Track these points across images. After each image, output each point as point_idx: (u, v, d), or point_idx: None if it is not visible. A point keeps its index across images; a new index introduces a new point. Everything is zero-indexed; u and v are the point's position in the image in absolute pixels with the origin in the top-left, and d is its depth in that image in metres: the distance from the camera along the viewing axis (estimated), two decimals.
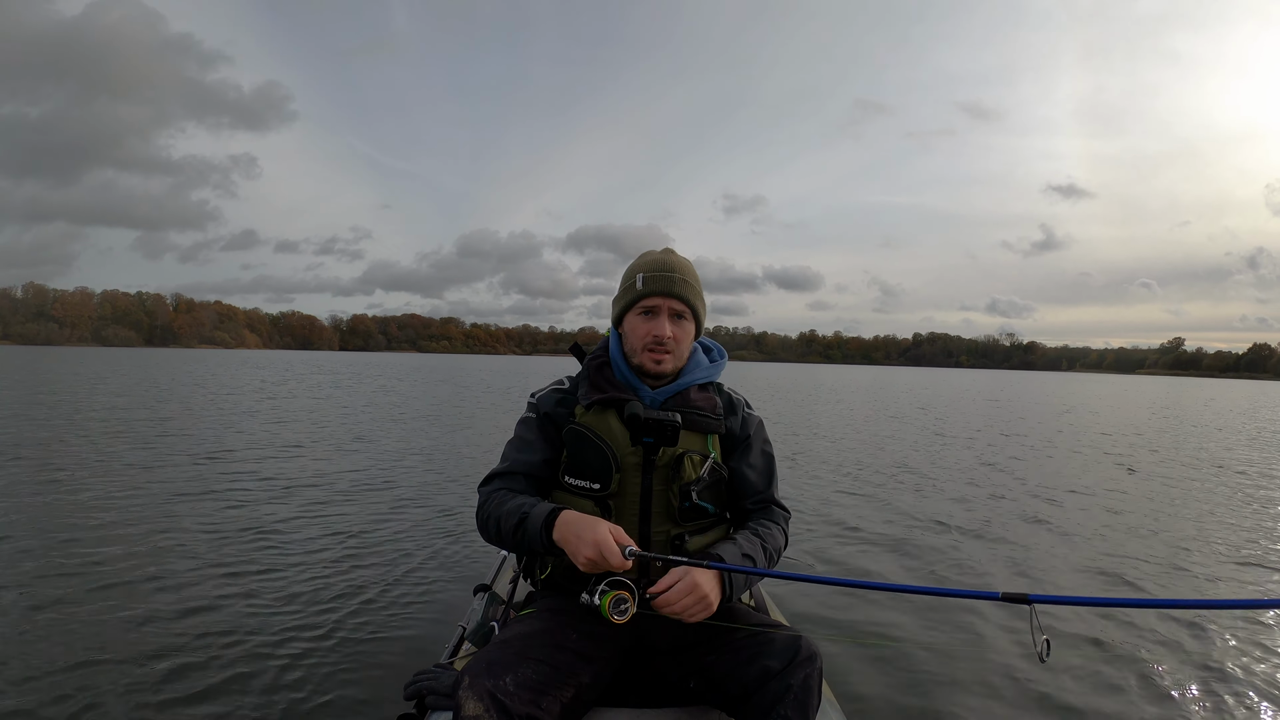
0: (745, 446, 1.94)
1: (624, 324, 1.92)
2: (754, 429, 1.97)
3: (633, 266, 1.93)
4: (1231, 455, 12.19)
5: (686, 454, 1.80)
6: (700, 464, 1.82)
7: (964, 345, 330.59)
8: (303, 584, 4.10)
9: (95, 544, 4.73)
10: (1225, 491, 8.39)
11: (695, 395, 1.90)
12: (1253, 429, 18.42)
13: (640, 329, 1.86)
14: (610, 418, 1.81)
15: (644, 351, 1.85)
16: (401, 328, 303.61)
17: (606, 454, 1.77)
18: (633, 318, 1.88)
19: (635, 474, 1.78)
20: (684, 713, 1.70)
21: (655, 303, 1.85)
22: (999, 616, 3.88)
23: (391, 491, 6.90)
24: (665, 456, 1.79)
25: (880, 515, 6.47)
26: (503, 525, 1.72)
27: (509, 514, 1.71)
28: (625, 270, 1.96)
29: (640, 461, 1.79)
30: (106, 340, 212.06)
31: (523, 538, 1.68)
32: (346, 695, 2.88)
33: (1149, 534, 6.03)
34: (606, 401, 1.82)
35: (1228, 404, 34.05)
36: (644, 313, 1.86)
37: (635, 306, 1.87)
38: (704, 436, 1.87)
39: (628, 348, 1.90)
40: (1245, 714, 2.96)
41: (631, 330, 1.88)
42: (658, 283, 1.84)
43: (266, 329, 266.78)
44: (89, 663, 3.03)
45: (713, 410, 1.90)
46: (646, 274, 1.86)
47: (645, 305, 1.86)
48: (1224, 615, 4.00)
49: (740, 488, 1.90)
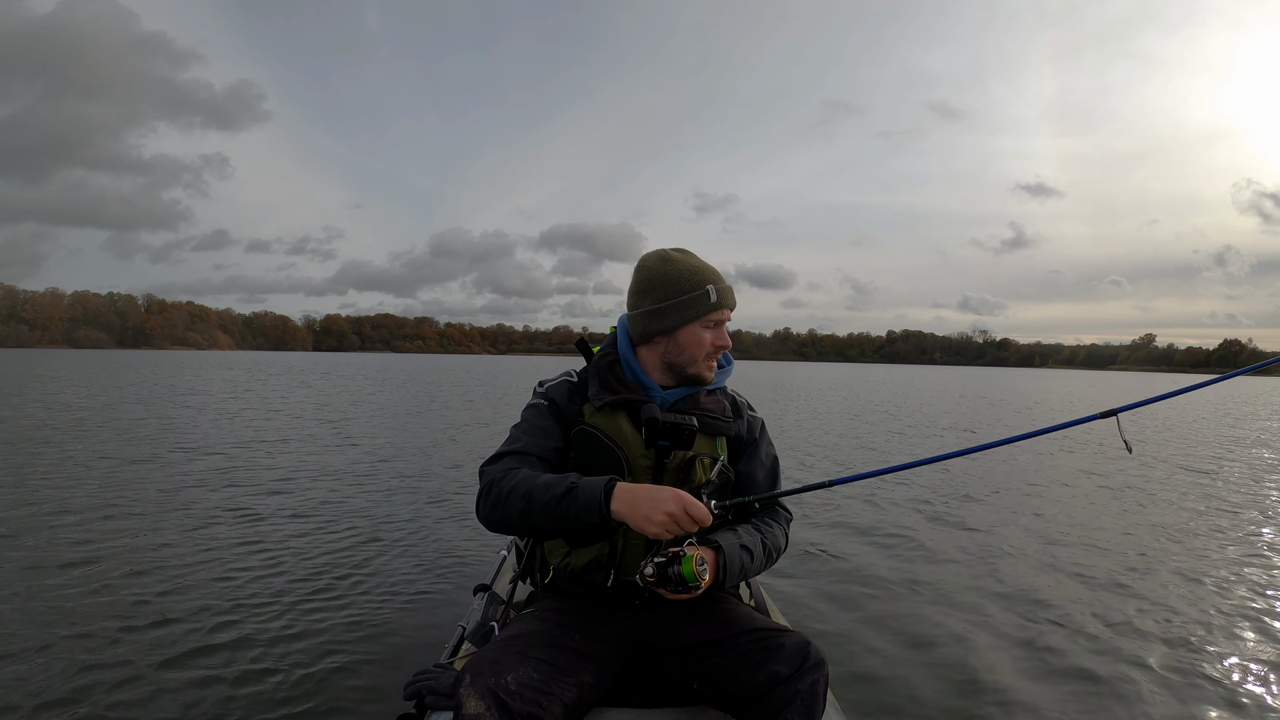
0: (752, 449, 1.95)
1: (681, 334, 1.85)
2: (759, 432, 1.99)
3: (685, 275, 1.84)
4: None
5: (698, 457, 1.81)
6: (710, 467, 1.82)
7: (938, 342, 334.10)
8: (302, 584, 4.08)
9: (94, 545, 4.68)
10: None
11: (705, 399, 1.90)
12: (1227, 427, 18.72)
13: (706, 339, 1.84)
14: (621, 419, 1.80)
15: (705, 360, 1.86)
16: (375, 328, 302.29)
17: (619, 456, 1.76)
18: (696, 329, 1.84)
19: (646, 477, 1.78)
20: (686, 714, 1.69)
21: (726, 315, 1.87)
22: (998, 616, 3.93)
23: (390, 492, 6.86)
24: (676, 460, 1.80)
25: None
26: (533, 499, 1.60)
27: (545, 486, 1.60)
28: (666, 277, 1.85)
29: (652, 465, 1.79)
30: (78, 342, 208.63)
31: (566, 510, 1.57)
32: (346, 695, 2.87)
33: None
34: (618, 403, 1.81)
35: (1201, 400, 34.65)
36: (713, 325, 1.86)
37: (705, 318, 1.84)
38: (713, 440, 1.88)
39: (685, 357, 1.85)
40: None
41: (694, 340, 1.84)
42: (728, 296, 1.86)
43: (239, 330, 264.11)
44: (88, 664, 3.01)
45: (722, 413, 1.90)
46: (719, 286, 1.85)
47: (717, 318, 1.86)
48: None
49: (746, 489, 1.91)
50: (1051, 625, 3.84)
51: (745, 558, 1.70)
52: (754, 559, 1.73)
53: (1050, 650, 3.51)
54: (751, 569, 1.73)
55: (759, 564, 1.76)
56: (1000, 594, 4.33)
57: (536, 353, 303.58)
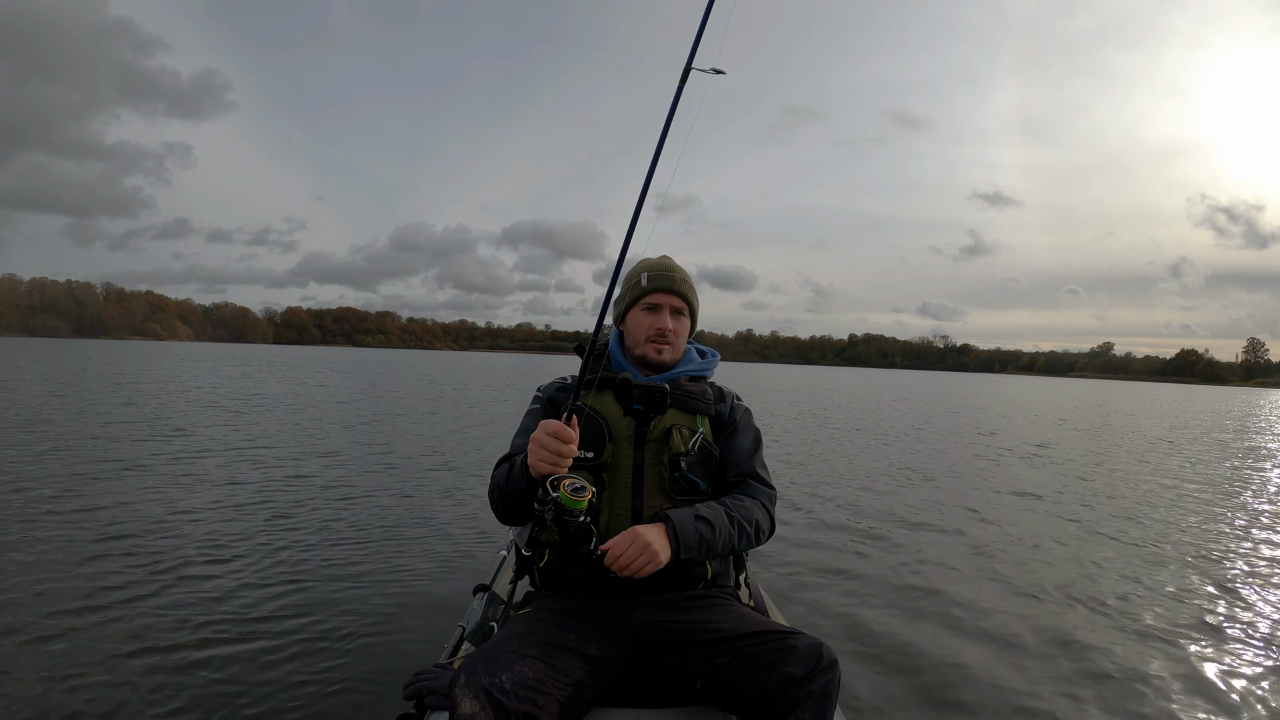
0: (733, 429, 2.04)
1: (627, 320, 2.07)
2: (741, 415, 2.08)
3: (635, 268, 2.10)
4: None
5: (675, 427, 1.92)
6: (689, 437, 1.92)
7: (899, 346, 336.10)
8: (301, 584, 4.07)
9: (93, 545, 4.63)
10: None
11: (687, 384, 2.02)
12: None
13: (644, 322, 2.02)
14: (606, 397, 1.93)
15: (647, 343, 2.01)
16: (337, 321, 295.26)
17: (601, 425, 1.87)
18: (636, 313, 2.05)
19: (628, 446, 1.89)
20: (685, 713, 1.69)
21: (658, 299, 2.02)
22: (997, 612, 4.01)
23: (390, 492, 6.81)
24: (656, 431, 1.90)
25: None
26: (502, 488, 1.80)
27: (505, 473, 1.81)
28: (626, 274, 2.11)
29: (633, 435, 1.89)
30: (35, 330, 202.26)
31: (515, 484, 1.75)
32: (346, 695, 2.87)
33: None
34: (603, 382, 1.92)
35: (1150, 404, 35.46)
36: (648, 308, 2.02)
37: (640, 303, 2.03)
38: (693, 416, 1.98)
39: (630, 341, 2.05)
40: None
41: (635, 324, 2.05)
42: (660, 280, 2.02)
43: (199, 321, 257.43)
44: (80, 666, 2.98)
45: (703, 396, 2.02)
46: (651, 273, 2.03)
47: (649, 301, 2.02)
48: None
49: (725, 463, 1.99)
50: (1051, 624, 3.94)
51: (703, 527, 1.75)
52: (715, 529, 1.77)
53: (1048, 649, 3.60)
54: (716, 541, 1.77)
55: (725, 535, 1.79)
56: (1000, 594, 4.43)
57: (500, 349, 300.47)
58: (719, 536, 1.77)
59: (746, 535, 1.85)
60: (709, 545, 1.75)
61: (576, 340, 2.07)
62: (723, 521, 1.79)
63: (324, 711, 2.76)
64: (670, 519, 1.73)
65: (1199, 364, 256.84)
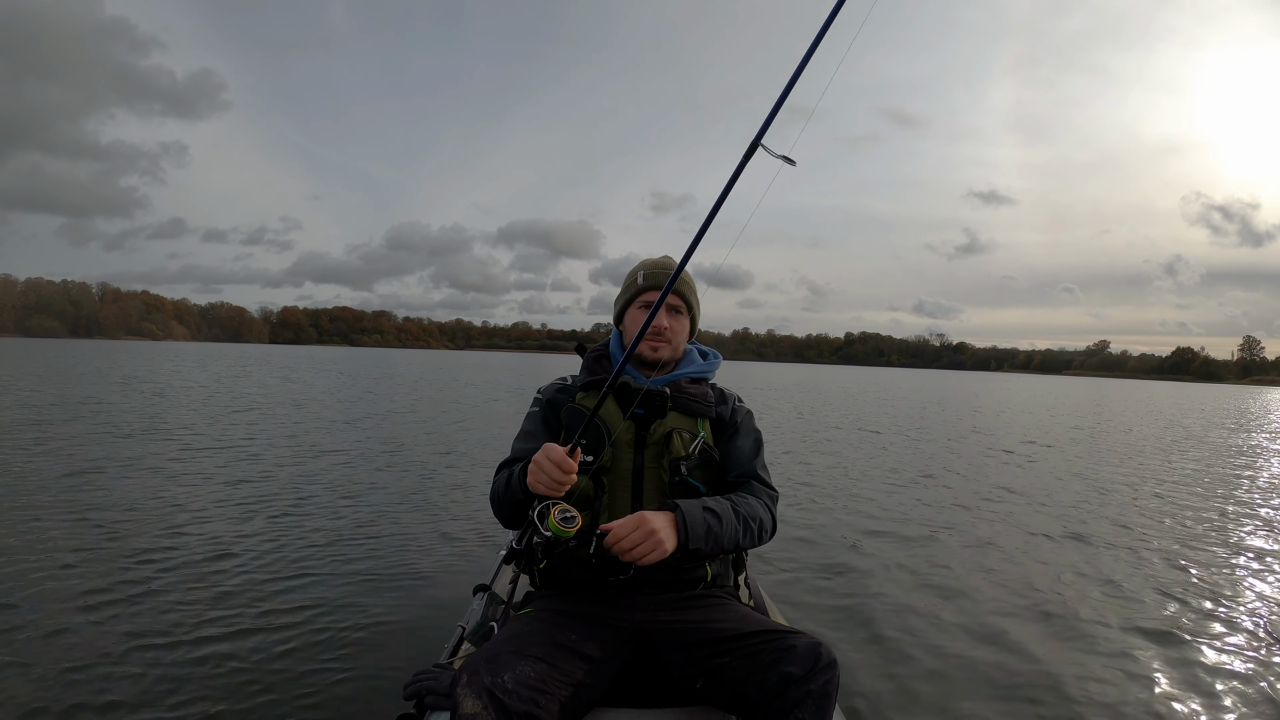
0: (734, 431, 2.03)
1: (625, 319, 2.07)
2: (743, 417, 2.07)
3: (634, 269, 2.09)
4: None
5: (676, 430, 1.90)
6: (690, 441, 1.91)
7: (895, 345, 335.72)
8: (301, 584, 4.07)
9: (92, 542, 4.64)
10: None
11: (688, 385, 2.00)
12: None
13: (640, 320, 1.98)
14: (607, 399, 1.87)
15: (643, 341, 1.95)
16: (333, 320, 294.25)
17: (600, 428, 1.84)
18: (634, 311, 2.04)
19: (628, 450, 1.88)
20: (686, 713, 1.69)
21: (654, 296, 1.99)
22: (996, 612, 4.01)
23: (389, 492, 6.80)
24: (656, 434, 1.89)
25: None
26: (502, 497, 1.83)
27: (504, 481, 1.84)
28: (626, 275, 2.11)
29: (633, 438, 1.88)
30: (30, 330, 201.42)
31: (512, 494, 1.77)
32: (346, 696, 2.87)
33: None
34: (601, 383, 1.90)
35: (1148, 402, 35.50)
36: (644, 306, 2.01)
37: (636, 300, 2.03)
38: (694, 419, 1.97)
39: (628, 338, 2.04)
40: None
41: (632, 322, 2.04)
42: (657, 278, 2.00)
43: (195, 320, 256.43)
44: (81, 663, 2.99)
45: (703, 398, 2.00)
46: (647, 271, 2.02)
47: (645, 299, 2.01)
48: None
49: (725, 465, 1.99)
50: (1050, 623, 3.95)
51: (711, 519, 1.74)
52: (723, 522, 1.76)
53: (1048, 648, 3.60)
54: (723, 534, 1.75)
55: (731, 529, 1.78)
56: (999, 593, 4.43)
57: (496, 348, 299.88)
58: (725, 530, 1.76)
59: (751, 532, 1.84)
60: (716, 538, 1.73)
61: (574, 339, 2.07)
62: (730, 515, 1.78)
63: (325, 711, 2.76)
64: (680, 507, 1.71)
65: (1195, 362, 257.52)
